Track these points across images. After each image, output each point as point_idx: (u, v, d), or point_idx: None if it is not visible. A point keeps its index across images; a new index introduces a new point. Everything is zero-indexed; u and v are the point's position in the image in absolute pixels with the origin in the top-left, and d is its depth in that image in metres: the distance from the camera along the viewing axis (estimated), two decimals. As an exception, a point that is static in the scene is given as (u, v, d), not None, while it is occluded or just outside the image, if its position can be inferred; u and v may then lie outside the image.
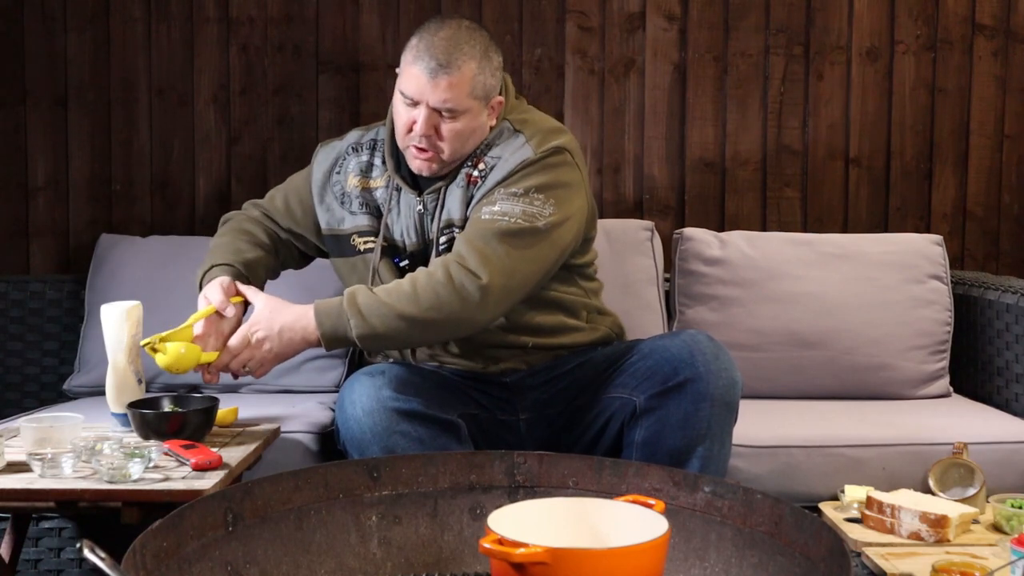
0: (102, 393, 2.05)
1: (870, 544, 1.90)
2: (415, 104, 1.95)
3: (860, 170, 3.02)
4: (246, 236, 2.13)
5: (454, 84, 1.93)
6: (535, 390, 2.07)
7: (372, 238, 2.08)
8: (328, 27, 2.94)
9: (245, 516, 1.37)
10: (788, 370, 2.61)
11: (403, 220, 2.06)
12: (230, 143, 2.95)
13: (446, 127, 1.96)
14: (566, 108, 2.96)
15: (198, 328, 1.91)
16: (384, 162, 2.10)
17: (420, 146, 1.97)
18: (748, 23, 2.97)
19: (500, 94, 2.04)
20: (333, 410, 2.34)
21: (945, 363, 2.65)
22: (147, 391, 2.05)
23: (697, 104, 2.98)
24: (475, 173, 2.01)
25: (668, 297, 2.77)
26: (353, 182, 2.11)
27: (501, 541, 1.22)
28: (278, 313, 1.90)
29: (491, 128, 2.04)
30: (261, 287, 2.11)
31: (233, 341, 1.91)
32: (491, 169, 2.00)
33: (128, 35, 2.92)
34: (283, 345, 1.89)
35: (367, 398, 1.88)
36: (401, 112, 1.98)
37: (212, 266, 2.04)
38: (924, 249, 2.72)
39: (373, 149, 2.13)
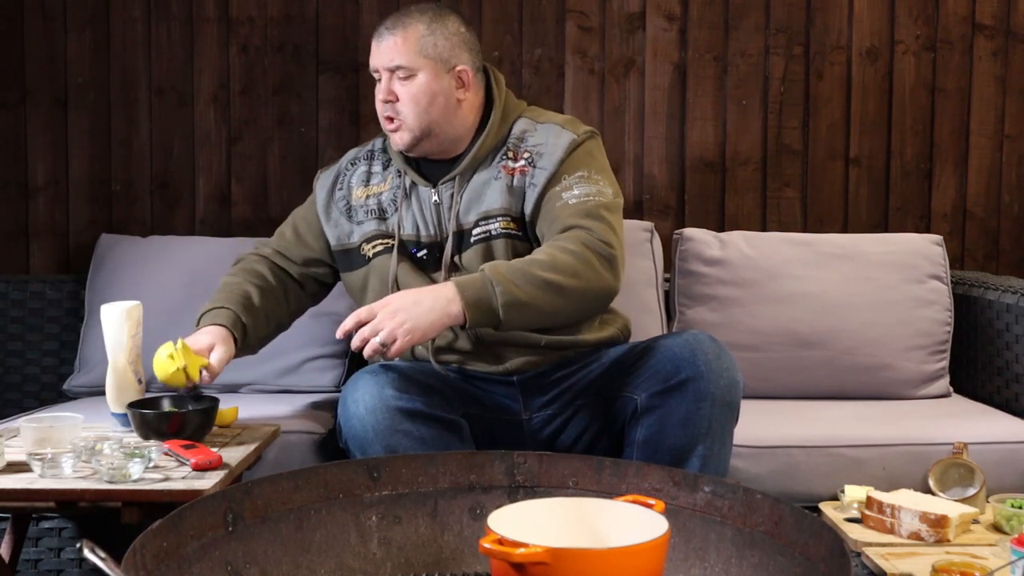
0: (102, 393, 2.05)
1: (870, 544, 1.90)
2: (379, 79, 2.06)
3: (860, 170, 3.02)
4: (256, 279, 2.13)
5: (399, 42, 2.03)
6: (541, 391, 2.07)
7: (380, 241, 2.09)
8: (328, 27, 2.94)
9: (245, 516, 1.37)
10: (788, 370, 2.61)
11: (415, 214, 2.08)
12: (230, 143, 2.95)
13: (402, 90, 2.04)
14: (566, 108, 2.96)
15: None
16: (384, 167, 2.15)
17: (387, 115, 2.05)
18: (748, 23, 2.97)
19: (476, 71, 2.09)
20: (334, 409, 2.34)
21: (945, 363, 2.65)
22: (147, 391, 2.05)
23: (697, 104, 2.98)
24: (515, 165, 2.04)
25: (668, 297, 2.77)
26: (358, 193, 2.15)
27: (501, 541, 1.22)
28: (411, 290, 1.84)
29: (470, 106, 2.07)
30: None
31: (359, 313, 1.79)
32: (538, 156, 2.04)
33: (128, 35, 2.92)
34: (420, 317, 1.79)
35: (370, 396, 1.88)
36: (376, 96, 2.07)
37: (215, 307, 2.04)
38: (924, 249, 2.72)
39: (371, 159, 2.18)
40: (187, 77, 2.93)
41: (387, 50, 2.04)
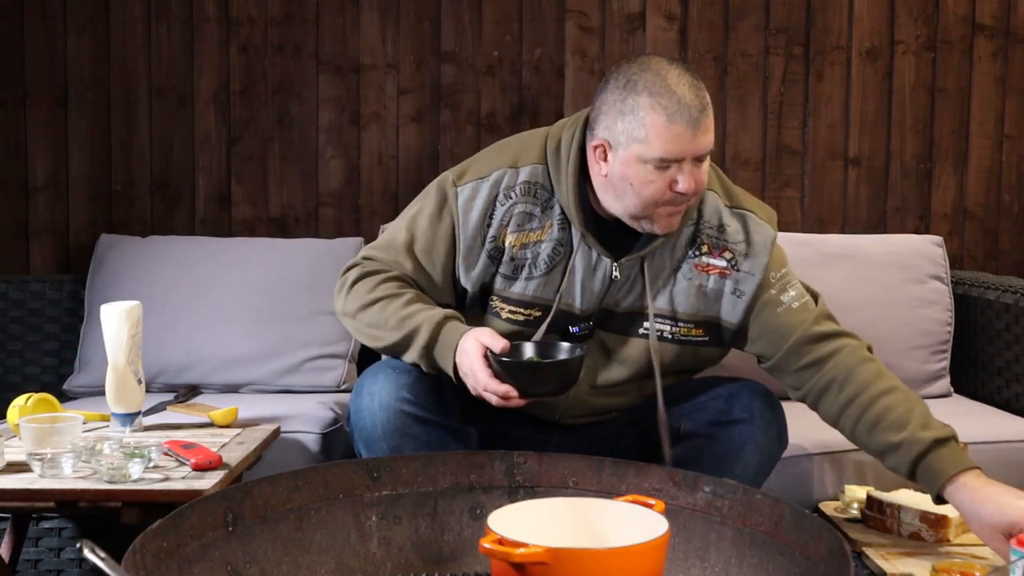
0: (102, 393, 2.05)
1: (870, 544, 1.89)
2: (671, 165, 1.69)
3: (860, 170, 3.02)
4: (420, 299, 1.81)
5: (711, 124, 1.71)
6: (583, 428, 1.96)
7: (524, 311, 1.83)
8: (328, 27, 2.94)
9: (245, 516, 1.37)
10: (788, 370, 2.60)
11: (578, 281, 1.81)
12: (230, 143, 2.95)
13: (701, 174, 1.74)
14: (566, 108, 2.96)
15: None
16: (543, 211, 1.81)
17: (683, 204, 1.74)
18: (748, 23, 2.97)
19: None
20: (333, 410, 2.35)
21: (946, 363, 2.64)
22: (147, 391, 2.06)
23: (697, 104, 2.98)
24: (709, 262, 1.83)
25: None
26: (511, 240, 1.81)
27: (501, 541, 1.22)
28: None
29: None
30: None
31: None
32: (742, 258, 1.83)
33: (128, 35, 2.92)
34: None
35: (386, 393, 1.77)
36: (651, 179, 1.70)
37: (444, 318, 1.75)
38: (924, 249, 2.72)
39: (532, 195, 1.81)
40: (187, 77, 2.93)
41: (706, 134, 1.69)
